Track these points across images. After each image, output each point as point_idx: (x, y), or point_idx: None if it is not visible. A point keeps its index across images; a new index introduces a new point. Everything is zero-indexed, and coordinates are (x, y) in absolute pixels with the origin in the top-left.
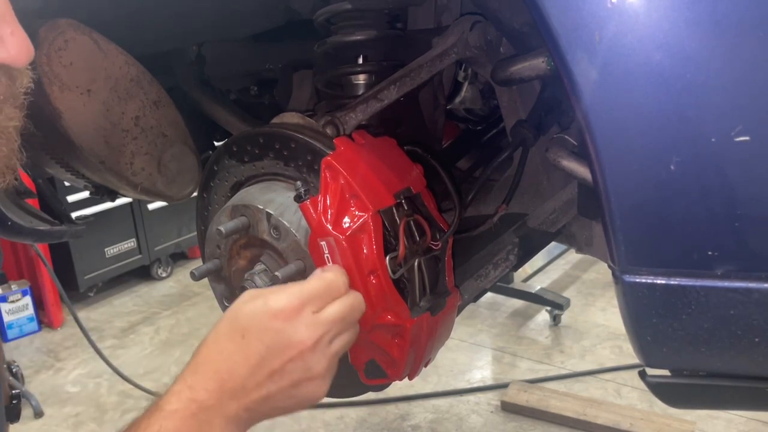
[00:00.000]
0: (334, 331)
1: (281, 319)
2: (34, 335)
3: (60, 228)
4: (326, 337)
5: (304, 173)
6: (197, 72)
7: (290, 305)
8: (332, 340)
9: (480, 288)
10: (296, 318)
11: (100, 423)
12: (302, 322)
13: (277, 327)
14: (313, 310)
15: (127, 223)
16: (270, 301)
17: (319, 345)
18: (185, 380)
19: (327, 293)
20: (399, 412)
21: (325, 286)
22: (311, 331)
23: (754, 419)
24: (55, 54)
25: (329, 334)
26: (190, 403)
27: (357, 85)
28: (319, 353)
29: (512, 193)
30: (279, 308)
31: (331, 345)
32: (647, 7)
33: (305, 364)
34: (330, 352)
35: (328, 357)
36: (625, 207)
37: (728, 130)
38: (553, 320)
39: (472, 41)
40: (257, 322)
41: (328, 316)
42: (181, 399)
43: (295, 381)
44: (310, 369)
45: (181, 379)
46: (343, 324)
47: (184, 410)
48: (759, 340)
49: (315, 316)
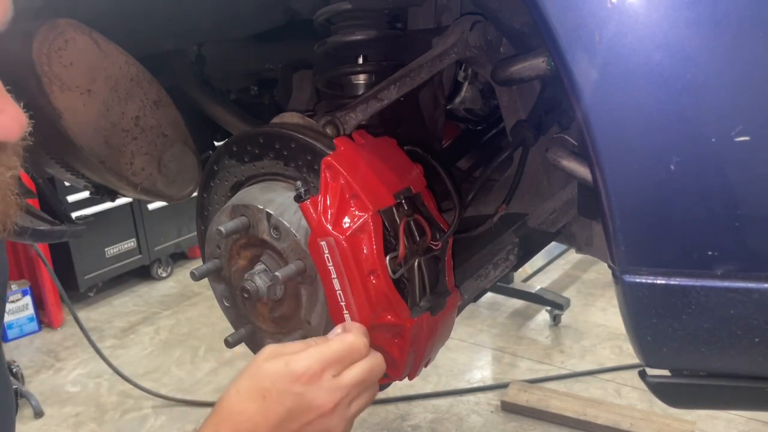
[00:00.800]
0: (354, 394)
1: (302, 383)
2: (34, 335)
3: (60, 228)
4: (346, 400)
5: (304, 173)
6: (197, 72)
7: (311, 369)
8: (351, 402)
9: (480, 288)
10: (317, 382)
11: (100, 423)
12: (323, 387)
13: (297, 391)
14: (334, 373)
15: (127, 223)
16: (292, 364)
17: (339, 408)
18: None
19: (348, 357)
20: (399, 412)
21: (347, 349)
22: (331, 395)
23: (754, 419)
24: (55, 54)
25: (349, 397)
26: None
27: (357, 85)
28: (338, 416)
29: (512, 193)
30: (301, 372)
31: (350, 407)
32: (647, 7)
33: (323, 427)
34: (349, 414)
35: (347, 419)
36: (625, 207)
37: (728, 130)
38: (553, 320)
39: (472, 41)
40: (278, 385)
41: (349, 381)
42: None
43: None
44: (329, 431)
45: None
46: (362, 387)
47: None
48: (759, 340)
49: (335, 380)
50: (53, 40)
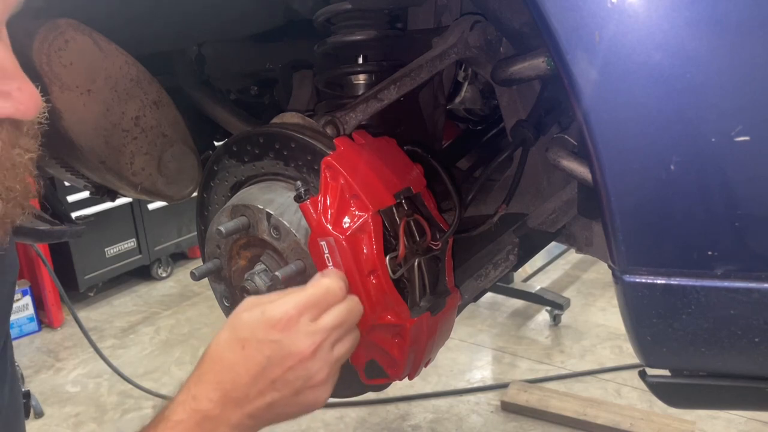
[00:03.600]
0: (334, 338)
1: (279, 330)
2: (34, 335)
3: (60, 228)
4: (326, 344)
5: (304, 173)
6: (197, 72)
7: (287, 315)
8: (333, 346)
9: (480, 288)
10: (294, 327)
11: (100, 423)
12: (300, 332)
13: (275, 338)
14: (311, 318)
15: (127, 223)
16: (267, 312)
17: (319, 352)
18: (189, 390)
19: (324, 301)
20: (399, 412)
21: (323, 293)
22: (310, 339)
23: (754, 419)
24: (55, 54)
25: (329, 341)
26: (194, 413)
27: (357, 85)
28: (320, 360)
29: (512, 193)
30: (276, 318)
31: (332, 351)
32: (647, 7)
33: (306, 372)
34: (332, 358)
35: (330, 363)
36: (625, 207)
37: (728, 130)
38: (553, 320)
39: (472, 41)
40: (256, 334)
41: (327, 324)
42: (185, 409)
43: (297, 389)
44: (312, 377)
45: (185, 388)
46: (342, 329)
47: (189, 420)
48: (759, 340)
49: (313, 324)
50: (53, 40)
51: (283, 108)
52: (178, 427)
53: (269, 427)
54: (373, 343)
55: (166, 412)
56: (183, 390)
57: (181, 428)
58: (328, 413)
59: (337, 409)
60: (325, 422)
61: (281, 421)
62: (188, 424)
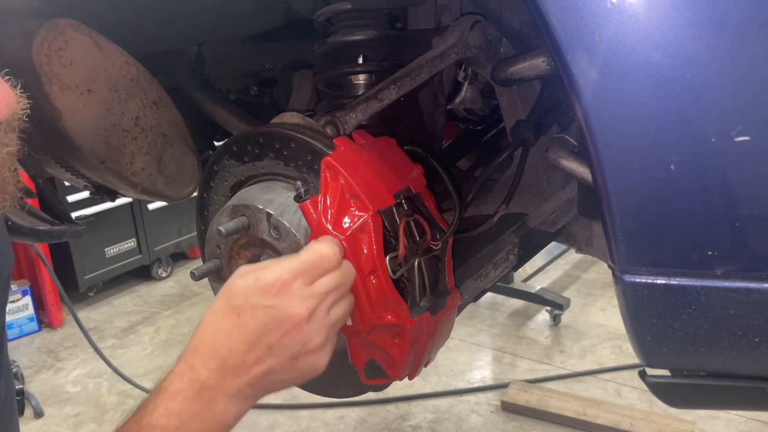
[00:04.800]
0: (329, 301)
1: (272, 295)
2: (34, 335)
3: (60, 228)
4: (322, 307)
5: (304, 173)
6: (197, 72)
7: (280, 280)
8: (329, 309)
9: (480, 288)
10: (288, 292)
11: (100, 423)
12: (295, 296)
13: (269, 303)
14: (305, 283)
15: (127, 223)
16: (261, 277)
17: (315, 315)
18: (186, 360)
19: (317, 266)
20: (399, 412)
21: (316, 259)
22: (305, 303)
23: (754, 419)
24: (55, 54)
25: (324, 304)
26: (192, 383)
27: (357, 85)
28: (317, 324)
29: (512, 193)
30: (270, 283)
31: (329, 315)
32: (647, 7)
33: (303, 336)
34: (328, 322)
35: (327, 327)
36: (625, 207)
37: (728, 130)
38: (553, 320)
39: (472, 41)
40: (250, 300)
41: (322, 288)
42: (183, 379)
43: (294, 353)
44: (309, 341)
45: (182, 359)
46: (337, 293)
47: (188, 390)
48: (759, 340)
49: (307, 288)
50: (53, 40)
51: (283, 108)
52: (177, 397)
53: (269, 425)
54: (373, 343)
55: (163, 383)
56: (180, 361)
57: (180, 398)
58: (328, 413)
59: (337, 409)
60: (325, 422)
61: (280, 389)
62: (187, 393)
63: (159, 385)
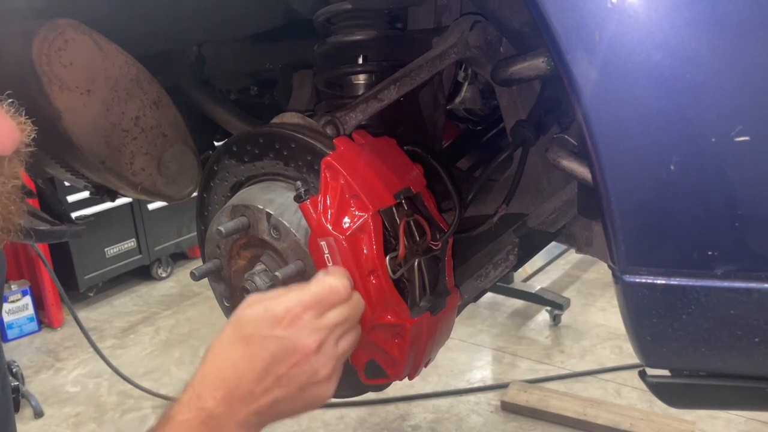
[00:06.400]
0: (338, 333)
1: (283, 326)
2: (34, 335)
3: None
4: (330, 339)
5: (304, 173)
6: (197, 72)
7: (291, 312)
8: (337, 341)
9: (480, 288)
10: (298, 324)
11: (100, 423)
12: (305, 328)
13: (279, 334)
14: (315, 315)
15: (127, 223)
16: (271, 308)
17: (324, 348)
18: (193, 389)
19: (327, 299)
20: (399, 412)
21: (326, 292)
22: (315, 335)
23: (754, 419)
24: (55, 54)
25: (333, 336)
26: (199, 412)
27: (357, 85)
28: (325, 356)
29: (512, 193)
30: (280, 315)
31: (336, 347)
32: (647, 7)
33: (311, 368)
34: (336, 353)
35: (334, 359)
36: (625, 207)
37: (728, 130)
38: (553, 320)
39: (472, 41)
40: (260, 330)
41: (331, 321)
42: (190, 408)
43: (302, 384)
44: (317, 372)
45: (190, 388)
46: (345, 325)
47: (194, 419)
48: (759, 340)
49: (317, 321)
50: (53, 40)
51: (283, 108)
52: (184, 426)
53: (268, 427)
54: (373, 343)
55: (171, 412)
56: (187, 389)
57: (187, 427)
58: (328, 413)
59: (337, 409)
60: (325, 422)
61: (286, 417)
62: (193, 423)
63: (166, 413)
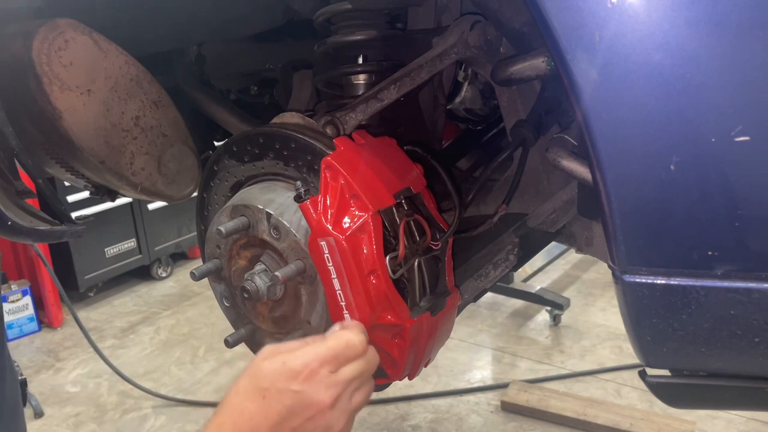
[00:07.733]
0: (353, 388)
1: (300, 381)
2: (34, 335)
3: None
4: (345, 395)
5: (304, 173)
6: (197, 72)
7: (308, 367)
8: (351, 396)
9: (480, 288)
10: (315, 378)
11: (100, 423)
12: (321, 383)
13: (296, 388)
14: (331, 370)
15: (127, 223)
16: (288, 362)
17: (339, 403)
18: None
19: (344, 354)
20: (399, 412)
21: (343, 347)
22: (330, 391)
23: (754, 419)
24: (55, 54)
25: (348, 391)
26: None
27: (357, 85)
28: (339, 410)
29: (512, 193)
30: (297, 369)
31: (351, 401)
32: (647, 7)
33: (326, 422)
34: (350, 408)
35: (348, 413)
36: (625, 207)
37: (728, 130)
38: (553, 320)
39: (472, 41)
40: (276, 383)
41: (347, 376)
42: None
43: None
44: (330, 427)
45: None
46: (360, 380)
47: None
48: (759, 340)
49: (333, 376)
50: (53, 40)
51: (283, 108)
52: None
53: None
54: (373, 343)
55: None
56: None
57: None
58: None
59: None
60: None
61: None
62: None
63: None
